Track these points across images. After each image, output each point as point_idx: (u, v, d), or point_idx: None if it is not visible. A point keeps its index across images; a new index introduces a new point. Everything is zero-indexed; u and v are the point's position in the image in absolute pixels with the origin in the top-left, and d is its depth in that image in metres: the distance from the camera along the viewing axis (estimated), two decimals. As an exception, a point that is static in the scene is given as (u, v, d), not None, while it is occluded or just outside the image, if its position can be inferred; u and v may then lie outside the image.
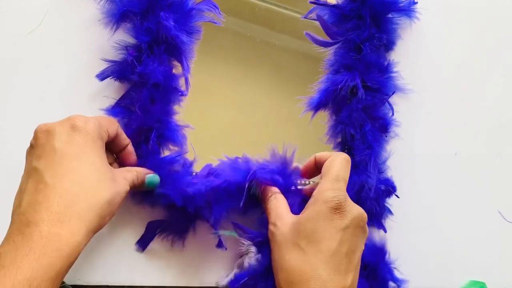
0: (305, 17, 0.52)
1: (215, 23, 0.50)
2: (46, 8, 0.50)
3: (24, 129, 0.49)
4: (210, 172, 0.47)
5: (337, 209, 0.40)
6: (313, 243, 0.40)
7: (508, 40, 0.59)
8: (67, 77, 0.50)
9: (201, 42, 0.50)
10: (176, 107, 0.49)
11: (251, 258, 0.46)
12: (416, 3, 0.54)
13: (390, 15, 0.52)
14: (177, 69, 0.49)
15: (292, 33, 0.57)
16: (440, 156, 0.56)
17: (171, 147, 0.48)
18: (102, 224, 0.38)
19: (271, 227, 0.44)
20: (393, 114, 0.52)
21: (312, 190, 0.44)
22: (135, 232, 0.48)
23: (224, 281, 0.47)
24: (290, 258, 0.41)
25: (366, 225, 0.43)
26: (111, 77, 0.48)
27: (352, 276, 0.40)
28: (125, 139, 0.45)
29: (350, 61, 0.51)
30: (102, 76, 0.48)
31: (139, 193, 0.47)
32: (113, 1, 0.48)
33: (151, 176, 0.45)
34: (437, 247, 0.54)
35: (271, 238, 0.43)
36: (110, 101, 0.49)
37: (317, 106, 0.51)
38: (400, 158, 0.53)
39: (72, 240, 0.34)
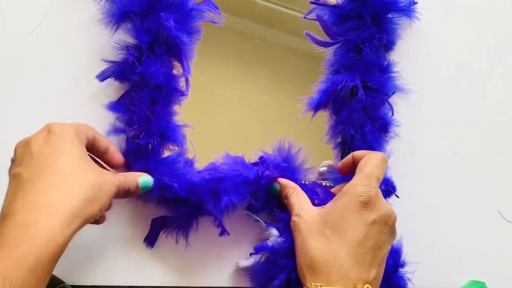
0: (305, 17, 0.52)
1: (215, 23, 0.50)
2: (46, 8, 0.50)
3: (24, 129, 0.49)
4: (214, 167, 0.47)
5: (367, 204, 0.41)
6: (339, 233, 0.41)
7: (508, 40, 0.59)
8: (67, 77, 0.50)
9: (201, 41, 0.50)
10: (176, 107, 0.49)
11: (272, 241, 0.47)
12: (416, 3, 0.54)
13: (390, 15, 0.52)
14: (177, 69, 0.49)
15: (293, 32, 0.57)
16: (440, 156, 0.56)
17: (170, 147, 0.48)
18: (91, 210, 0.36)
19: (294, 218, 0.45)
20: (393, 114, 0.52)
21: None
22: (135, 232, 0.48)
23: (245, 263, 0.48)
24: (314, 246, 0.41)
25: (395, 226, 0.43)
26: (111, 77, 0.48)
27: (375, 272, 0.41)
28: (104, 140, 0.44)
29: (350, 61, 0.51)
30: (102, 77, 0.48)
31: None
32: (113, 1, 0.48)
33: (144, 179, 0.44)
34: (437, 247, 0.54)
35: (294, 228, 0.44)
36: (110, 100, 0.49)
37: (317, 106, 0.51)
38: (400, 158, 0.53)
39: (50, 225, 0.32)
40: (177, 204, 0.46)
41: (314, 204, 0.46)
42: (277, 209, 0.48)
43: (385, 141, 0.52)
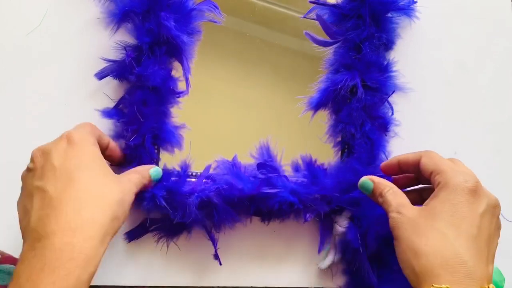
0: (304, 17, 0.52)
1: (216, 22, 0.50)
2: (46, 8, 0.50)
3: (24, 129, 0.49)
4: (208, 176, 0.47)
5: (474, 191, 0.39)
6: (453, 226, 0.37)
7: (508, 39, 0.59)
8: (67, 77, 0.50)
9: (201, 42, 0.50)
10: (174, 108, 0.49)
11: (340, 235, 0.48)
12: (416, 2, 0.54)
13: (389, 15, 0.52)
14: (177, 70, 0.49)
15: (292, 33, 0.57)
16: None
17: (169, 148, 0.48)
18: (117, 226, 0.38)
19: (393, 214, 0.41)
20: (392, 113, 0.52)
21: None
22: (135, 232, 0.49)
23: (325, 263, 0.49)
24: (428, 242, 0.37)
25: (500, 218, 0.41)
26: (110, 75, 0.48)
27: (491, 267, 0.38)
28: (105, 138, 0.45)
29: (349, 61, 0.51)
30: (100, 75, 0.48)
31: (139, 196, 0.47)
32: (114, 1, 0.48)
33: (154, 171, 0.45)
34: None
35: (396, 225, 0.40)
36: (109, 100, 0.49)
37: (317, 105, 0.51)
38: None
39: (86, 246, 0.34)
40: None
41: None
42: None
43: (385, 140, 0.52)
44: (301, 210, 0.47)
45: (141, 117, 0.46)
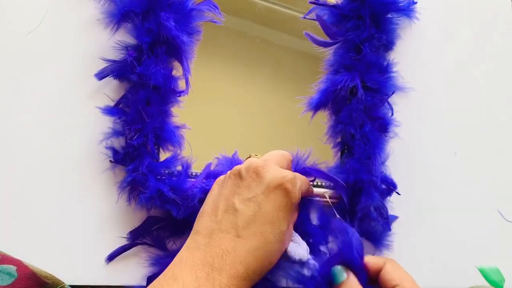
0: (304, 17, 0.52)
1: (216, 22, 0.50)
2: (46, 8, 0.51)
3: (24, 129, 0.49)
4: (208, 174, 0.47)
5: None
6: None
7: (508, 39, 0.59)
8: (67, 77, 0.50)
9: (201, 41, 0.50)
10: (175, 108, 0.49)
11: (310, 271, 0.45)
12: (416, 3, 0.54)
13: (389, 15, 0.52)
14: (177, 69, 0.49)
15: (292, 33, 0.57)
16: (440, 156, 0.56)
17: (170, 147, 0.49)
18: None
19: None
20: (392, 114, 0.52)
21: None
22: (135, 232, 0.49)
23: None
24: None
25: None
26: (110, 75, 0.48)
27: None
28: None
29: (349, 61, 0.51)
30: (101, 75, 0.48)
31: (139, 195, 0.47)
32: (113, 1, 0.48)
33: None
34: (436, 247, 0.54)
35: None
36: (109, 100, 0.50)
37: (317, 106, 0.51)
38: (400, 158, 0.53)
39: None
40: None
41: None
42: None
43: (385, 140, 0.52)
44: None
45: (146, 117, 0.46)
